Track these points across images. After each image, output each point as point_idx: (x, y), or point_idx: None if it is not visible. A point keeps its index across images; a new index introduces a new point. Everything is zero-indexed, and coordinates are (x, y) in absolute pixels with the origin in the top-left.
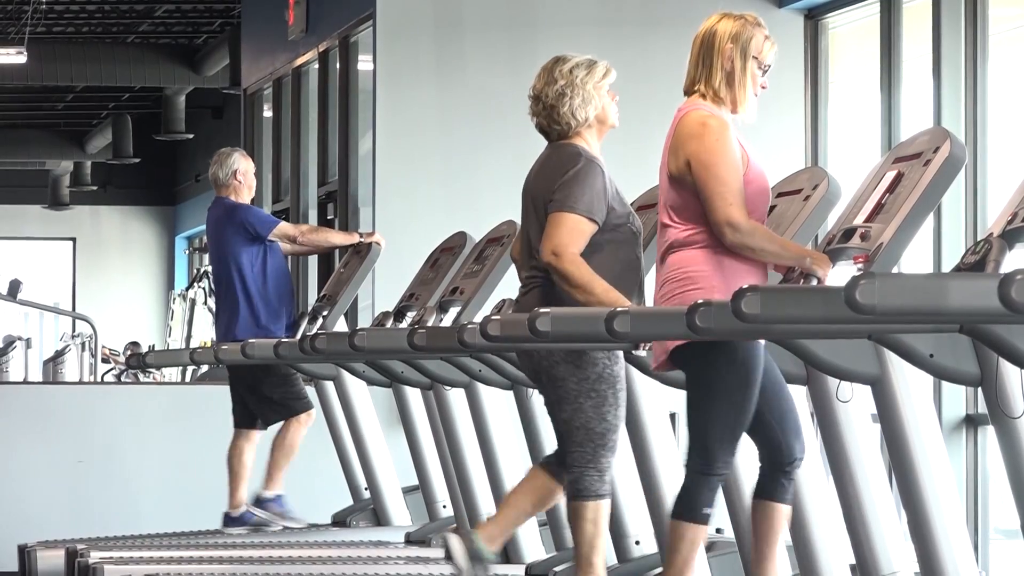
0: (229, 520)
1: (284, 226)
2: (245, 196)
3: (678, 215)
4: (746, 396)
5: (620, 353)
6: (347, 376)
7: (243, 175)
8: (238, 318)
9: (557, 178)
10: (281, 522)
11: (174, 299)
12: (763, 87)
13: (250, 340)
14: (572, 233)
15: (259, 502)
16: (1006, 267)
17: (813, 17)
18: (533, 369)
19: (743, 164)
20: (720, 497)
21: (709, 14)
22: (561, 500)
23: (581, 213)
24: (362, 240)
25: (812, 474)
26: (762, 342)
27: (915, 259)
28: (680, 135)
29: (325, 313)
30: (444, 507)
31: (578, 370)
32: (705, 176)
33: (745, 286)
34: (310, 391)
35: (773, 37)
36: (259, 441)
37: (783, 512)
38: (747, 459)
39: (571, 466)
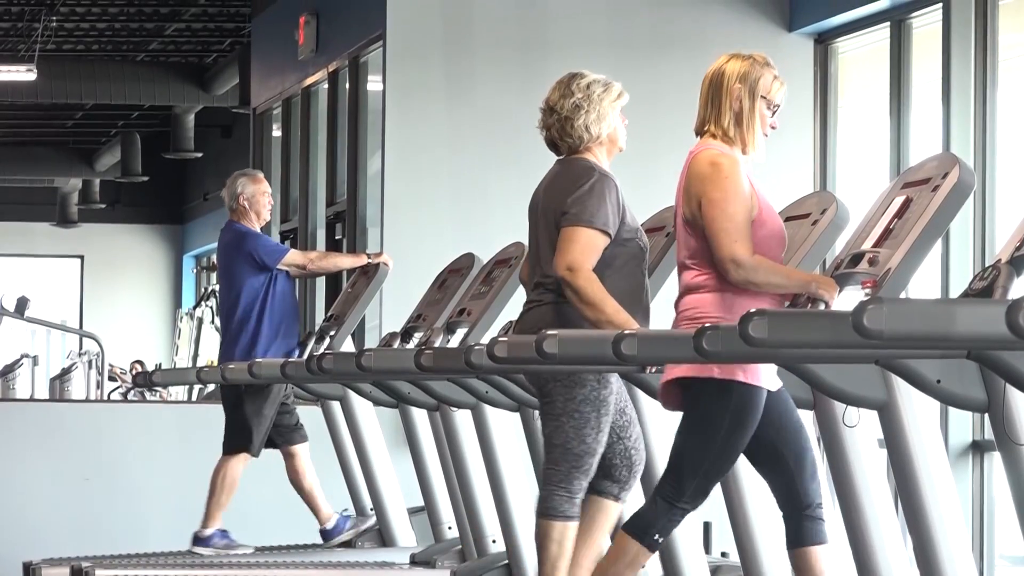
0: (327, 534)
1: (293, 255)
2: (252, 220)
3: (693, 258)
4: (731, 441)
5: (612, 378)
6: (353, 396)
7: (248, 199)
8: (238, 346)
9: (571, 191)
10: (232, 551)
11: (181, 318)
12: (772, 127)
13: (257, 359)
14: (587, 248)
15: (197, 541)
16: (1014, 293)
17: (823, 42)
18: (533, 384)
19: (755, 207)
20: (725, 519)
21: (720, 37)
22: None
23: (597, 227)
24: (370, 261)
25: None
26: (764, 390)
27: (923, 285)
28: (692, 176)
29: (332, 333)
30: (449, 528)
31: (566, 389)
32: (713, 213)
33: (752, 310)
34: (315, 411)
35: (783, 62)
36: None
37: (822, 553)
38: (752, 482)
39: (544, 483)
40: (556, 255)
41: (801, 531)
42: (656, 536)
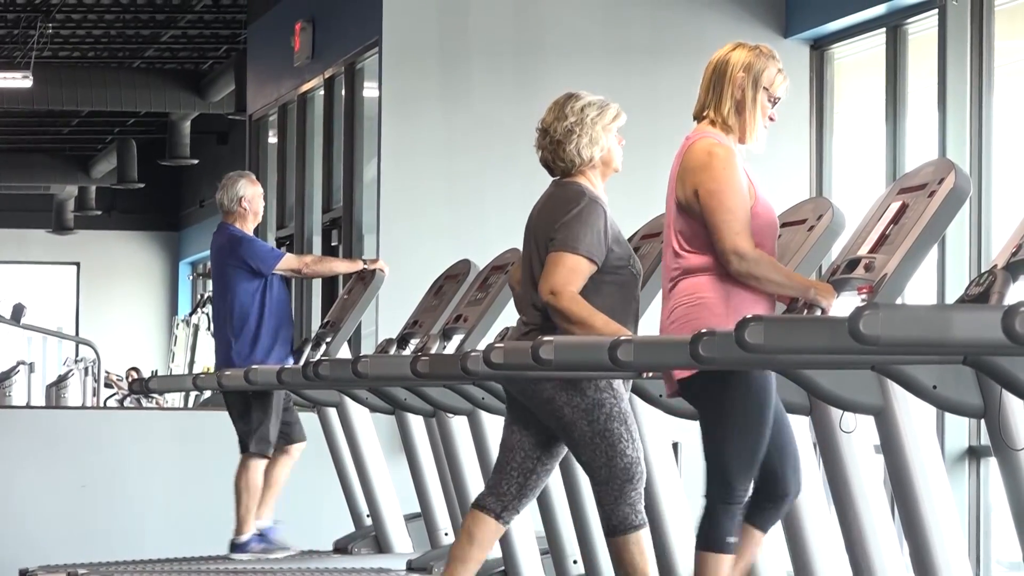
0: (235, 547)
1: (288, 259)
2: (250, 222)
3: (688, 243)
4: (761, 423)
5: (623, 390)
6: (350, 403)
7: (248, 202)
8: (232, 351)
9: (559, 217)
10: (270, 555)
11: (177, 324)
12: (772, 119)
13: (253, 366)
14: (571, 273)
15: (235, 548)
16: (1010, 299)
17: (819, 48)
18: (543, 414)
19: (751, 196)
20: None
21: (716, 43)
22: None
23: (581, 254)
24: (366, 267)
25: (815, 504)
26: (772, 373)
27: (919, 290)
28: (687, 164)
29: (328, 340)
30: (446, 534)
31: (586, 413)
32: (712, 204)
33: (749, 316)
34: (312, 417)
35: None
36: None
37: (758, 539)
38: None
39: (600, 504)
40: (540, 281)
41: (759, 512)
42: (729, 539)
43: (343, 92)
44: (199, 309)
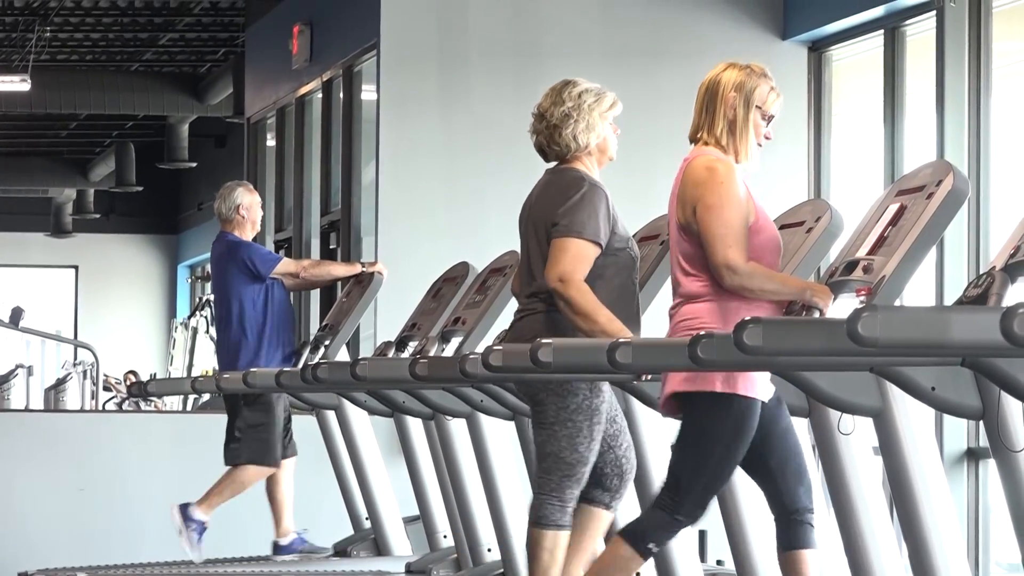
0: (278, 548)
1: (286, 263)
2: (248, 231)
3: (691, 264)
4: (730, 452)
5: (604, 387)
6: (349, 406)
7: (246, 210)
8: (238, 357)
9: (561, 202)
10: (188, 547)
11: (176, 328)
12: (767, 137)
13: (252, 369)
14: (578, 259)
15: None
16: (1008, 301)
17: (817, 49)
18: (524, 392)
19: (752, 214)
20: (720, 527)
21: (714, 45)
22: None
23: (587, 238)
24: (364, 270)
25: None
26: (760, 401)
27: (917, 292)
28: (687, 182)
29: (327, 343)
30: (445, 537)
31: (559, 398)
32: (707, 218)
33: (747, 318)
34: (310, 421)
35: (777, 70)
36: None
37: (807, 557)
38: (747, 491)
39: (536, 491)
40: (547, 267)
41: (788, 535)
42: (650, 545)
43: (341, 95)
44: (197, 312)
